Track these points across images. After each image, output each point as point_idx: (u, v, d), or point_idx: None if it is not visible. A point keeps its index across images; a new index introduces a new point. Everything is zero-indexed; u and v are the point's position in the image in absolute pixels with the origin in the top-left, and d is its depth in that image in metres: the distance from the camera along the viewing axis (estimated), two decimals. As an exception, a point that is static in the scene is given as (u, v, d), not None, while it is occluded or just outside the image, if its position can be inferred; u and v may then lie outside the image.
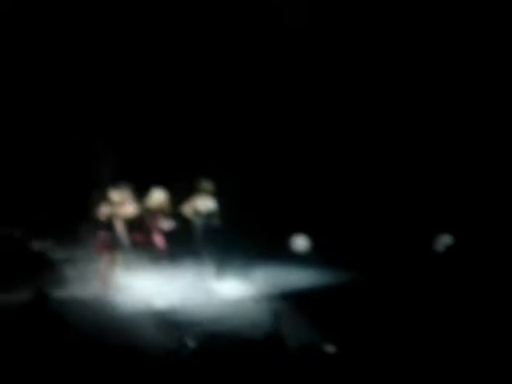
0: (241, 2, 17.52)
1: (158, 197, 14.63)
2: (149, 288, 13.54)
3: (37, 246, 16.14)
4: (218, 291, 13.86)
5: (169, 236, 14.72)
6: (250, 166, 17.76)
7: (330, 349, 9.56)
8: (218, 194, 14.82)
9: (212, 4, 17.49)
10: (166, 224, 14.59)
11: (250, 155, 17.91)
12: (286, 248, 16.47)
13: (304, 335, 10.93)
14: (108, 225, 13.82)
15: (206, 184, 14.80)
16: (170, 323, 11.61)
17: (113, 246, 13.84)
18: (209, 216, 14.71)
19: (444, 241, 16.04)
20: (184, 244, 14.82)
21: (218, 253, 14.68)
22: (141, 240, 14.51)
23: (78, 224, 15.86)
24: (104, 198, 14.00)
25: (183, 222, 14.93)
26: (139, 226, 14.46)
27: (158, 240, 14.60)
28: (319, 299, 13.22)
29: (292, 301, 13.23)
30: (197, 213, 14.77)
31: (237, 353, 9.28)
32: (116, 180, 14.62)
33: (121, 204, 14.07)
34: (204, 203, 14.79)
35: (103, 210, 13.87)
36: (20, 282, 13.46)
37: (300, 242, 16.48)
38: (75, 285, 13.95)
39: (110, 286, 13.75)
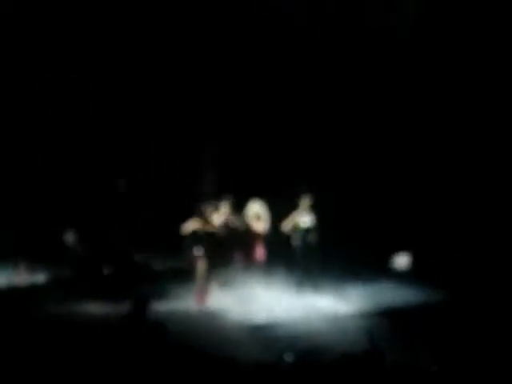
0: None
1: (255, 206, 14.58)
2: (247, 301, 13.35)
3: (139, 257, 16.26)
4: (315, 306, 13.55)
5: (267, 250, 14.69)
6: (348, 182, 17.59)
7: (432, 368, 9.23)
8: (317, 210, 14.70)
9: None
10: (262, 227, 14.53)
11: (348, 172, 17.74)
12: (386, 265, 16.20)
13: (401, 353, 10.62)
14: (205, 238, 13.84)
15: (306, 199, 14.65)
16: (267, 337, 11.46)
17: (210, 259, 13.83)
18: (307, 231, 14.60)
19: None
20: (282, 258, 14.71)
21: (315, 268, 14.53)
22: (241, 255, 14.48)
23: (179, 237, 15.91)
24: (204, 211, 14.03)
25: (282, 237, 14.86)
26: (237, 240, 14.46)
27: (259, 253, 14.51)
28: (417, 317, 12.93)
29: (390, 318, 12.98)
30: (296, 228, 14.69)
31: (336, 368, 9.05)
32: (218, 194, 14.60)
33: (220, 217, 14.08)
34: (303, 219, 14.65)
35: (202, 223, 13.90)
36: (122, 293, 13.55)
37: (401, 260, 16.17)
38: (175, 297, 13.92)
39: (206, 298, 13.68)
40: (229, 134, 17.67)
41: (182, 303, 13.59)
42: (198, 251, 13.75)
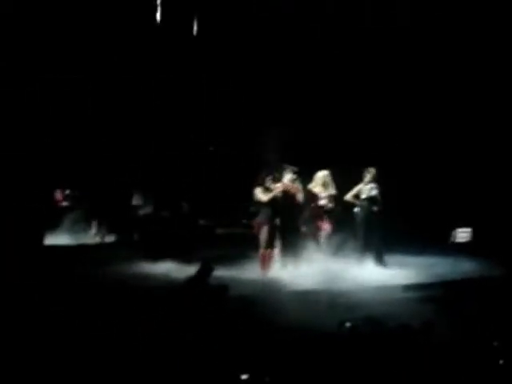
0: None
1: (322, 175, 14.46)
2: (309, 270, 13.31)
3: (203, 222, 16.40)
4: (376, 276, 13.40)
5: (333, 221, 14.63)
6: (413, 155, 17.46)
7: (494, 342, 9.11)
8: (381, 181, 14.62)
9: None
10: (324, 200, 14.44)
11: (412, 150, 17.61)
12: (448, 239, 16.08)
13: (461, 327, 10.53)
14: (269, 205, 13.79)
15: (370, 171, 14.59)
16: (328, 305, 11.46)
17: (272, 226, 13.82)
18: (371, 202, 14.48)
19: None
20: (346, 228, 14.70)
21: (378, 239, 14.45)
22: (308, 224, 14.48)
23: (243, 204, 15.97)
24: (268, 179, 13.97)
25: (345, 208, 14.82)
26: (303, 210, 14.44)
27: (325, 224, 14.51)
28: (476, 291, 12.81)
29: (449, 291, 12.89)
30: (359, 199, 14.55)
31: (393, 339, 9.03)
32: (281, 163, 14.60)
33: (286, 185, 13.99)
34: (367, 190, 14.58)
35: (266, 191, 13.82)
36: (187, 256, 13.70)
37: (462, 234, 16.04)
38: (239, 263, 13.96)
39: (270, 265, 13.66)
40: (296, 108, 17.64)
41: (245, 269, 13.58)
42: (262, 218, 13.77)
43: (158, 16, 17.57)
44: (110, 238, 15.83)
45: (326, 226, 14.25)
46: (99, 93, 16.96)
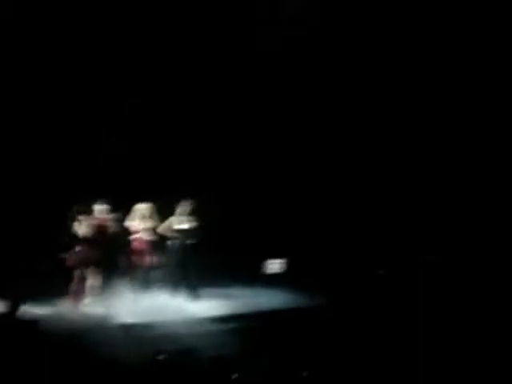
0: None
1: (141, 207, 14.31)
2: (122, 304, 13.14)
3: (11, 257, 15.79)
4: (189, 308, 13.48)
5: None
6: (227, 184, 17.61)
7: (303, 372, 9.27)
8: (196, 213, 14.65)
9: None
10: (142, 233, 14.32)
11: (228, 174, 17.76)
12: (259, 269, 16.29)
13: (273, 356, 10.66)
14: (85, 240, 13.56)
15: (182, 204, 14.59)
16: (139, 337, 11.38)
17: (87, 261, 13.58)
18: (186, 235, 14.48)
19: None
20: (160, 261, 14.59)
21: (192, 271, 14.43)
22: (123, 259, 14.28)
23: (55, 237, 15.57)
24: (84, 213, 13.77)
25: (159, 241, 14.73)
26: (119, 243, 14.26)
27: (144, 258, 14.35)
28: (289, 321, 13.03)
29: (261, 321, 13.06)
30: (172, 231, 14.51)
31: (205, 370, 9.04)
32: (96, 196, 14.37)
33: (100, 220, 13.83)
34: (177, 222, 14.56)
35: (82, 225, 13.66)
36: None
37: (274, 264, 16.30)
38: (48, 298, 13.46)
39: (80, 300, 13.42)
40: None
41: (57, 305, 13.28)
42: (74, 253, 13.53)
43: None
44: None
45: (147, 259, 14.06)
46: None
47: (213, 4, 17.17)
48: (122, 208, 14.16)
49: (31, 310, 12.20)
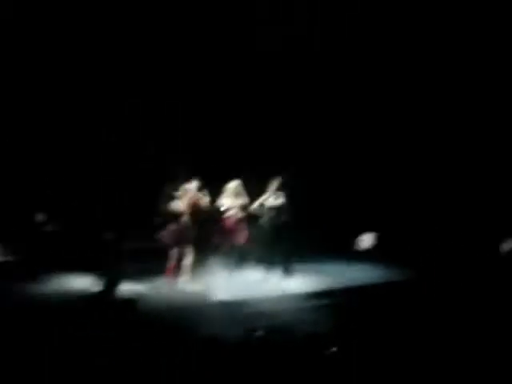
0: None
1: (233, 185, 14.38)
2: (217, 281, 13.24)
3: (108, 235, 16.13)
4: (283, 285, 13.60)
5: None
6: (319, 161, 17.61)
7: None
8: (287, 190, 14.69)
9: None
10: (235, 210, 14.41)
11: (319, 152, 17.78)
12: (351, 244, 16.27)
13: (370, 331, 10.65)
14: (177, 217, 13.74)
15: (275, 180, 14.63)
16: (235, 314, 11.50)
17: (183, 239, 13.76)
18: (277, 212, 14.51)
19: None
20: (253, 238, 14.69)
21: (284, 248, 14.45)
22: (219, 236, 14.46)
23: (151, 217, 15.81)
24: (176, 191, 13.96)
25: (252, 219, 14.83)
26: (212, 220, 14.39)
27: (240, 235, 14.49)
28: (381, 296, 13.00)
29: (354, 297, 13.08)
30: (266, 208, 14.58)
31: (300, 347, 9.08)
32: (189, 174, 14.53)
33: (193, 197, 13.98)
34: (272, 199, 14.64)
35: (175, 204, 13.82)
36: (92, 270, 13.47)
37: (366, 240, 16.25)
38: (146, 276, 13.75)
39: (178, 278, 13.58)
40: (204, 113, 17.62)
41: (154, 283, 13.47)
42: (169, 231, 13.70)
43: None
44: (10, 257, 15.36)
45: (241, 237, 14.17)
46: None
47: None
48: (210, 186, 14.24)
49: (129, 288, 12.40)
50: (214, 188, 14.30)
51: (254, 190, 14.55)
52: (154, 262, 14.13)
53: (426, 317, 11.22)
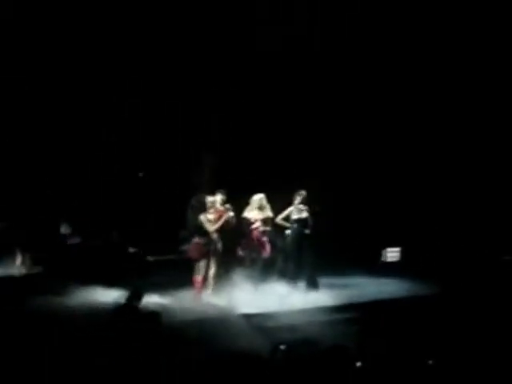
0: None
1: (258, 198, 14.31)
2: (242, 294, 13.18)
3: (134, 249, 16.17)
4: (308, 298, 13.50)
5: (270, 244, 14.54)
6: (344, 176, 17.56)
7: (428, 361, 9.14)
8: (311, 203, 14.62)
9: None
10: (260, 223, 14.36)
11: (343, 166, 17.73)
12: (377, 258, 16.18)
13: (395, 345, 10.56)
14: (203, 231, 13.66)
15: (300, 193, 14.54)
16: (260, 327, 11.43)
17: (208, 251, 13.66)
18: (302, 224, 14.44)
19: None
20: (278, 251, 14.62)
21: (309, 260, 14.42)
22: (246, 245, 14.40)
23: (175, 229, 15.79)
24: (201, 203, 13.93)
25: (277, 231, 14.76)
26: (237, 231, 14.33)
27: (264, 247, 14.42)
28: (408, 310, 12.90)
29: (379, 310, 12.98)
30: (291, 221, 14.47)
31: (324, 360, 9.00)
32: (214, 187, 14.50)
33: (219, 210, 13.87)
34: (297, 212, 14.54)
35: (201, 216, 13.77)
36: (117, 284, 13.48)
37: (392, 253, 16.16)
38: (171, 288, 13.68)
39: (203, 291, 13.52)
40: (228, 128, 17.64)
41: (178, 295, 13.39)
42: (195, 244, 13.68)
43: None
44: (36, 269, 15.41)
45: (266, 249, 14.12)
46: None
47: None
48: (234, 198, 14.19)
49: (154, 300, 12.38)
50: (238, 201, 14.23)
51: (278, 203, 14.47)
52: (179, 275, 14.09)
53: (450, 331, 11.13)
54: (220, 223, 13.50)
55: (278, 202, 14.50)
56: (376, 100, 18.04)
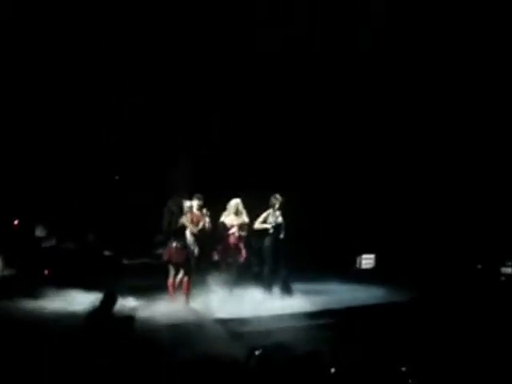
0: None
1: (234, 203, 14.26)
2: (217, 299, 13.17)
3: (109, 252, 16.09)
4: (282, 304, 13.44)
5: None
6: (318, 182, 17.56)
7: (401, 367, 9.15)
8: (287, 209, 14.58)
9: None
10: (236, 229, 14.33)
11: (318, 172, 17.74)
12: (352, 265, 16.21)
13: (369, 352, 10.56)
14: (181, 234, 13.67)
15: (278, 198, 14.51)
16: (234, 332, 11.40)
17: (184, 255, 13.64)
18: (278, 229, 14.37)
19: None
20: (253, 256, 14.60)
21: (284, 266, 14.39)
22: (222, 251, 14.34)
23: (151, 233, 15.72)
24: (179, 207, 13.86)
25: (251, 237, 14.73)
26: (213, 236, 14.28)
27: (240, 252, 14.36)
28: (382, 316, 12.92)
29: (353, 316, 12.98)
30: (265, 227, 14.48)
31: (298, 365, 8.99)
32: (191, 190, 14.45)
33: (195, 214, 13.83)
34: (274, 217, 14.50)
35: (182, 218, 13.68)
36: (91, 286, 13.38)
37: (366, 260, 16.20)
38: (145, 292, 13.67)
39: (178, 295, 13.49)
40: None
41: (153, 299, 13.29)
42: (170, 248, 13.60)
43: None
44: (10, 271, 15.26)
45: (242, 254, 14.08)
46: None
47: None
48: (210, 203, 14.15)
49: (128, 304, 12.30)
50: (215, 206, 14.18)
51: (254, 208, 14.43)
52: (154, 279, 14.02)
53: (424, 338, 11.15)
54: (201, 225, 13.46)
55: (253, 207, 14.45)
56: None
